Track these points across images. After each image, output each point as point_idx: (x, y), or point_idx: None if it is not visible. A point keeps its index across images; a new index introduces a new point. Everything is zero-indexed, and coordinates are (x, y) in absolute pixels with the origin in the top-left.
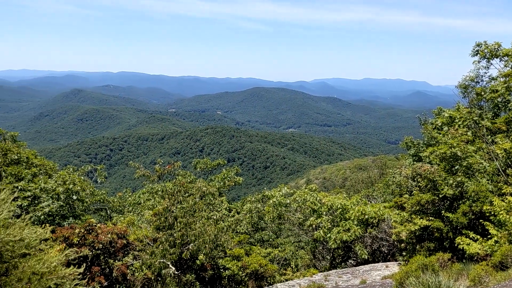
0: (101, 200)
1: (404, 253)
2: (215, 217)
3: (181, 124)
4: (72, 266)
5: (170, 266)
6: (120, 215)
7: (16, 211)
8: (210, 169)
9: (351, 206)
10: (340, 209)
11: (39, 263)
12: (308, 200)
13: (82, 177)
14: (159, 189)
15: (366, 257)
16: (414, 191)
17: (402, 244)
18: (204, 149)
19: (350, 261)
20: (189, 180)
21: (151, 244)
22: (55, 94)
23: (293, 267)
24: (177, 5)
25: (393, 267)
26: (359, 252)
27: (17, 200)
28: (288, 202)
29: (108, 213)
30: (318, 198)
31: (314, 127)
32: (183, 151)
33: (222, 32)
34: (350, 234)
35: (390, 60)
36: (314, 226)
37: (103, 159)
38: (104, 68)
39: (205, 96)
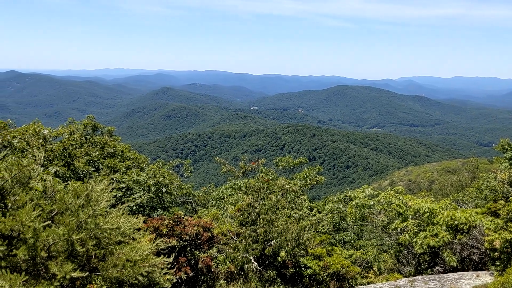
0: (187, 194)
1: (497, 263)
2: (297, 215)
3: (263, 122)
4: (162, 256)
5: (253, 261)
6: (205, 209)
7: (111, 201)
8: (291, 167)
9: (440, 211)
10: (428, 213)
11: (133, 251)
12: (394, 203)
13: (170, 171)
14: (242, 185)
15: (455, 265)
16: (511, 197)
17: (496, 253)
18: (284, 147)
19: (437, 267)
20: (271, 178)
21: (235, 239)
22: (146, 92)
23: (376, 270)
24: (262, 4)
25: (484, 277)
26: (447, 258)
27: (112, 191)
28: (372, 203)
29: (193, 206)
30: (404, 201)
31: (400, 127)
32: (264, 148)
33: (305, 30)
34: (438, 239)
35: (484, 57)
36: (399, 229)
37: (188, 155)
38: (191, 67)
39: (287, 95)
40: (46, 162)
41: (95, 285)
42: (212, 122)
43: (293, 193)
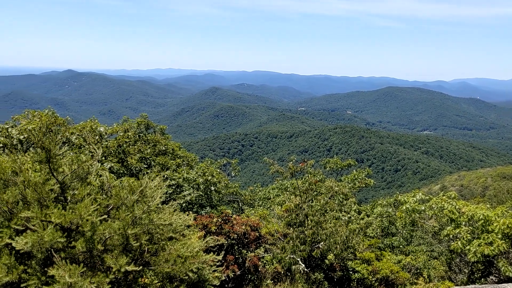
0: (234, 193)
1: None
2: (345, 218)
3: (310, 122)
4: (211, 253)
5: (300, 262)
6: (251, 208)
7: (162, 197)
8: (339, 169)
9: (495, 218)
10: (482, 221)
11: (184, 247)
12: (446, 208)
13: (218, 170)
14: (289, 185)
15: (511, 275)
16: None
17: None
18: (332, 148)
19: (491, 277)
20: (318, 179)
21: (282, 239)
22: (196, 92)
23: (425, 277)
24: (311, 4)
25: None
26: (503, 268)
27: (164, 188)
28: (422, 208)
29: (240, 205)
30: (457, 207)
31: (452, 130)
32: (310, 149)
33: (355, 30)
34: (493, 248)
35: None
36: (451, 236)
37: (235, 154)
38: (240, 67)
39: (336, 95)
40: (101, 158)
41: (147, 279)
42: (259, 122)
43: (341, 196)
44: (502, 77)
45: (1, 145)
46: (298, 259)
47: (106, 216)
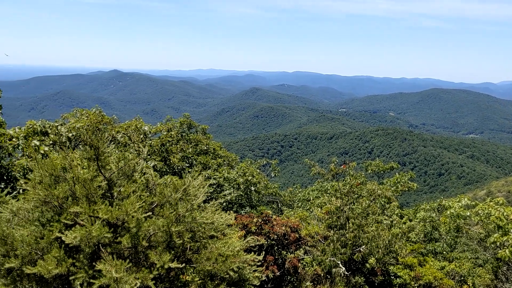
0: (273, 193)
1: None
2: (387, 222)
3: (351, 124)
4: (252, 253)
5: (340, 265)
6: (290, 210)
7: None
8: (381, 171)
9: None
10: None
11: (225, 246)
12: (493, 215)
13: (258, 170)
14: (329, 187)
15: None
16: None
17: None
18: (373, 150)
19: None
20: (360, 181)
21: (322, 242)
22: (236, 92)
23: (470, 285)
24: (354, 5)
25: None
26: None
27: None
28: (468, 214)
29: (279, 206)
30: (505, 213)
31: (500, 133)
32: (351, 151)
33: (399, 30)
34: None
35: None
36: (498, 243)
37: (274, 155)
38: (280, 68)
39: (378, 97)
40: (146, 156)
41: (188, 277)
42: (298, 123)
43: (383, 199)
44: None
45: (51, 142)
46: (339, 262)
47: (151, 213)
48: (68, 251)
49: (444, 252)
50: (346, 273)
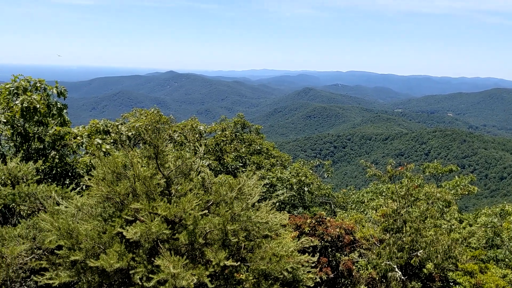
0: (326, 195)
1: None
2: (447, 226)
3: (407, 125)
4: (306, 254)
5: (396, 269)
6: (344, 211)
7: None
8: (440, 174)
9: None
10: None
11: (279, 246)
12: None
13: (310, 171)
14: (384, 189)
15: None
16: None
17: None
18: (430, 152)
19: None
20: (417, 184)
21: (378, 245)
22: (289, 92)
23: None
24: (411, 2)
25: None
26: None
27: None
28: None
29: (332, 207)
30: None
31: None
32: (407, 153)
33: (458, 28)
34: None
35: None
36: None
37: (326, 155)
38: (334, 67)
39: (436, 97)
40: (202, 155)
41: (242, 275)
42: (352, 123)
43: (442, 202)
44: None
45: (112, 140)
46: (395, 266)
47: (207, 211)
48: (128, 246)
49: (507, 260)
50: (402, 277)
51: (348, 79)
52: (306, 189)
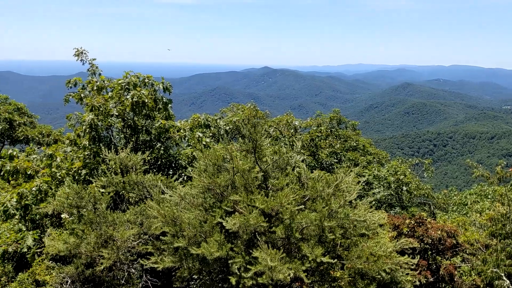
0: (425, 195)
1: None
2: None
3: None
4: (406, 255)
5: (504, 278)
6: (444, 213)
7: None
8: None
9: None
10: None
11: (377, 246)
12: None
13: (409, 169)
14: (490, 192)
15: None
16: None
17: None
18: None
19: None
20: None
21: (483, 250)
22: (385, 88)
23: None
24: None
25: None
26: None
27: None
28: None
29: (431, 209)
30: None
31: None
32: None
33: None
34: None
35: None
36: None
37: (425, 154)
38: (435, 61)
39: None
40: (299, 151)
41: (337, 273)
42: (454, 120)
43: None
44: None
45: (210, 134)
46: (502, 274)
47: (303, 206)
48: (227, 236)
49: None
50: (510, 287)
51: (451, 74)
52: (404, 188)
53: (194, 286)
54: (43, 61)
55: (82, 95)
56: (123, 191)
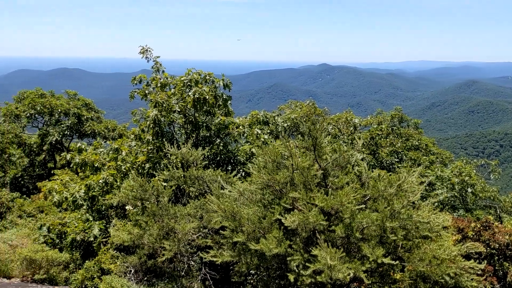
0: (491, 198)
1: None
2: None
3: None
4: (472, 260)
5: None
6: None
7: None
8: None
9: None
10: None
11: (440, 249)
12: None
13: (474, 171)
14: None
15: None
16: None
17: None
18: None
19: None
20: None
21: None
22: (449, 85)
23: None
24: None
25: None
26: None
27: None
28: None
29: (498, 212)
30: None
31: None
32: None
33: None
34: None
35: None
36: None
37: (490, 155)
38: (503, 58)
39: None
40: (361, 149)
41: (398, 275)
42: None
43: None
44: None
45: (268, 131)
46: None
47: (364, 205)
48: (285, 233)
49: None
50: None
51: None
52: (469, 190)
53: (252, 281)
54: (107, 58)
55: (147, 91)
56: (184, 185)
